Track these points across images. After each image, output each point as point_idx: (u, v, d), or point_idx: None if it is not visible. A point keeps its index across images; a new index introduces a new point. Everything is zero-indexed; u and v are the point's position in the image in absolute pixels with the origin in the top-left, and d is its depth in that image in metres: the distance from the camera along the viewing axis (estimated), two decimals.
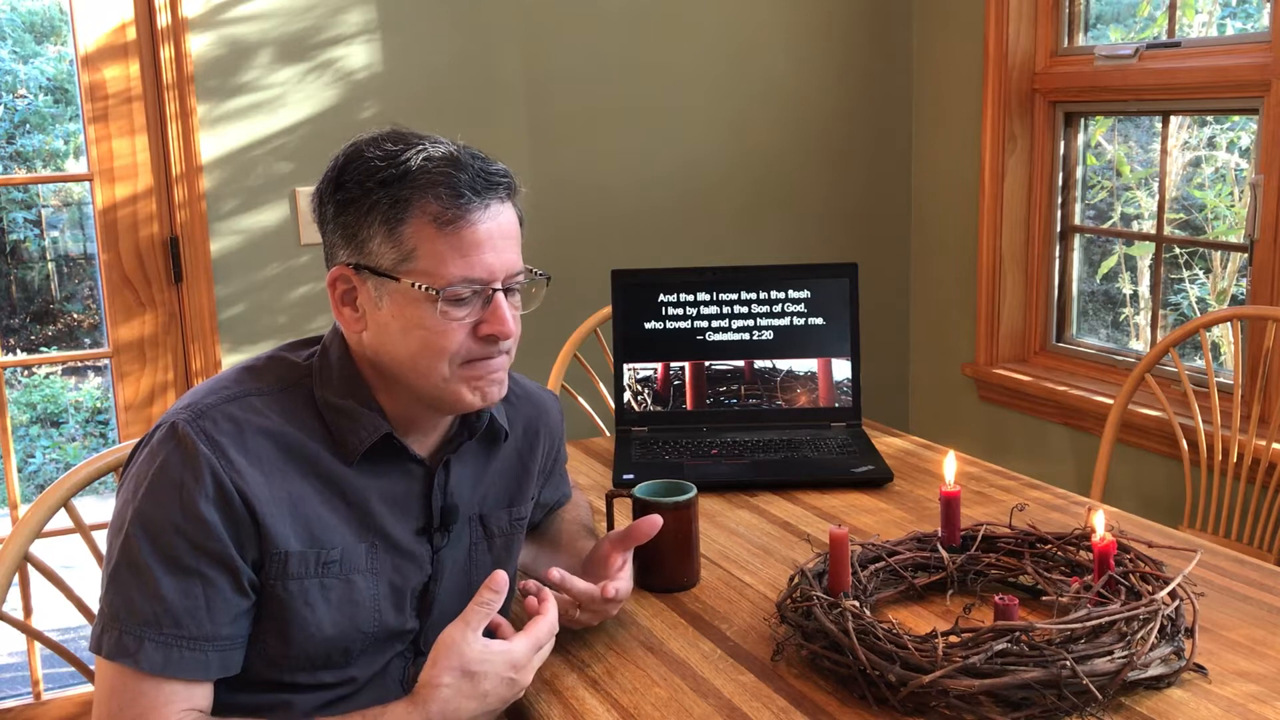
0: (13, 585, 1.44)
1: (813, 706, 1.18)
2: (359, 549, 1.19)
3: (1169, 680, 1.19)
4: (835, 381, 2.04)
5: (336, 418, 1.19)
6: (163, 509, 1.10)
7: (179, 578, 1.09)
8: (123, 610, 1.09)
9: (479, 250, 1.15)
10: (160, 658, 1.08)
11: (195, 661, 1.09)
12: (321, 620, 1.17)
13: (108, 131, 2.51)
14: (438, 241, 1.13)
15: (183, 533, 1.09)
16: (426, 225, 1.13)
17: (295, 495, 1.15)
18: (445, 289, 1.13)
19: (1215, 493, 2.29)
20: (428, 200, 1.13)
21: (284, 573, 1.14)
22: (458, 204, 1.13)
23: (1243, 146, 2.81)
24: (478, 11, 2.77)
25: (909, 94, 3.27)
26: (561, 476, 1.53)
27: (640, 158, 3.00)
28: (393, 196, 1.13)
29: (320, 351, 1.24)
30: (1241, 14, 2.72)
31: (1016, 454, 3.05)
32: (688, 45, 3.00)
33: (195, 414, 1.14)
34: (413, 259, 1.14)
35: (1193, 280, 2.90)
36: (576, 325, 2.41)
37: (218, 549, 1.10)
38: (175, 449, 1.11)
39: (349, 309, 1.19)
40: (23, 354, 5.14)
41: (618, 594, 1.30)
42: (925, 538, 1.45)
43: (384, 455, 1.21)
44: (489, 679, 1.12)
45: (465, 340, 1.17)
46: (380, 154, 1.15)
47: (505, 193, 1.18)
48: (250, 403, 1.17)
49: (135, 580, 1.09)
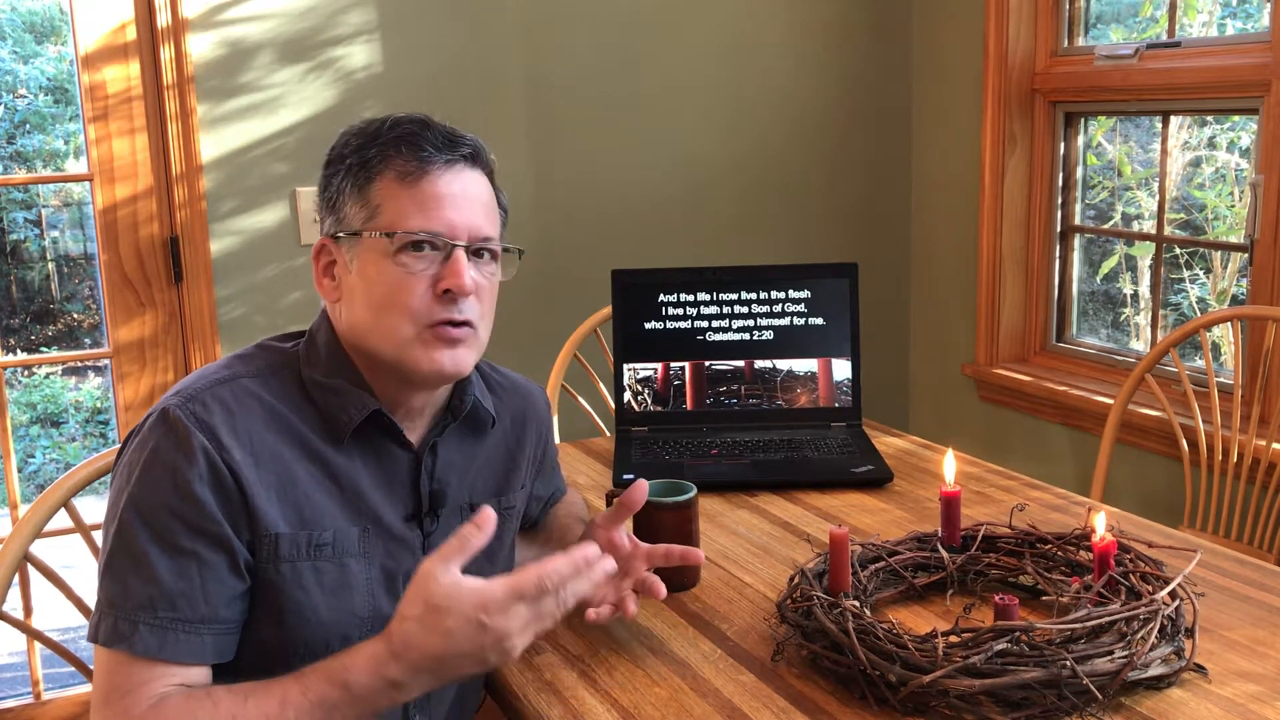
0: (13, 585, 1.44)
1: (813, 706, 1.18)
2: (351, 533, 1.20)
3: (1169, 680, 1.19)
4: (835, 381, 2.04)
5: (325, 396, 1.20)
6: (157, 492, 1.10)
7: (174, 559, 1.09)
8: (118, 596, 1.09)
9: (441, 205, 1.18)
10: (155, 641, 1.08)
11: (191, 645, 1.09)
12: (316, 605, 1.17)
13: (108, 131, 2.51)
14: (401, 196, 1.18)
15: (177, 514, 1.09)
16: (391, 181, 1.18)
17: (285, 477, 1.16)
18: (398, 234, 1.16)
19: (1215, 493, 2.29)
20: (393, 157, 1.18)
21: (275, 555, 1.14)
22: (420, 157, 1.18)
23: (1243, 146, 2.81)
24: (477, 12, 2.77)
25: (909, 94, 3.27)
26: (554, 469, 1.54)
27: (640, 157, 3.00)
28: (362, 158, 1.19)
29: (308, 337, 1.26)
30: (1241, 14, 2.72)
31: (1016, 454, 3.05)
32: (688, 45, 3.00)
33: (185, 398, 1.14)
34: (378, 215, 1.18)
35: (1193, 280, 2.90)
36: (576, 325, 2.41)
37: (213, 529, 1.10)
38: (167, 433, 1.12)
39: (328, 279, 1.23)
40: (23, 354, 5.14)
41: (638, 548, 1.33)
42: (925, 538, 1.45)
43: (373, 437, 1.22)
44: (453, 616, 1.04)
45: (425, 296, 1.18)
46: (359, 126, 1.23)
47: (469, 155, 1.22)
48: (241, 384, 1.18)
49: (131, 565, 1.09)
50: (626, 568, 1.33)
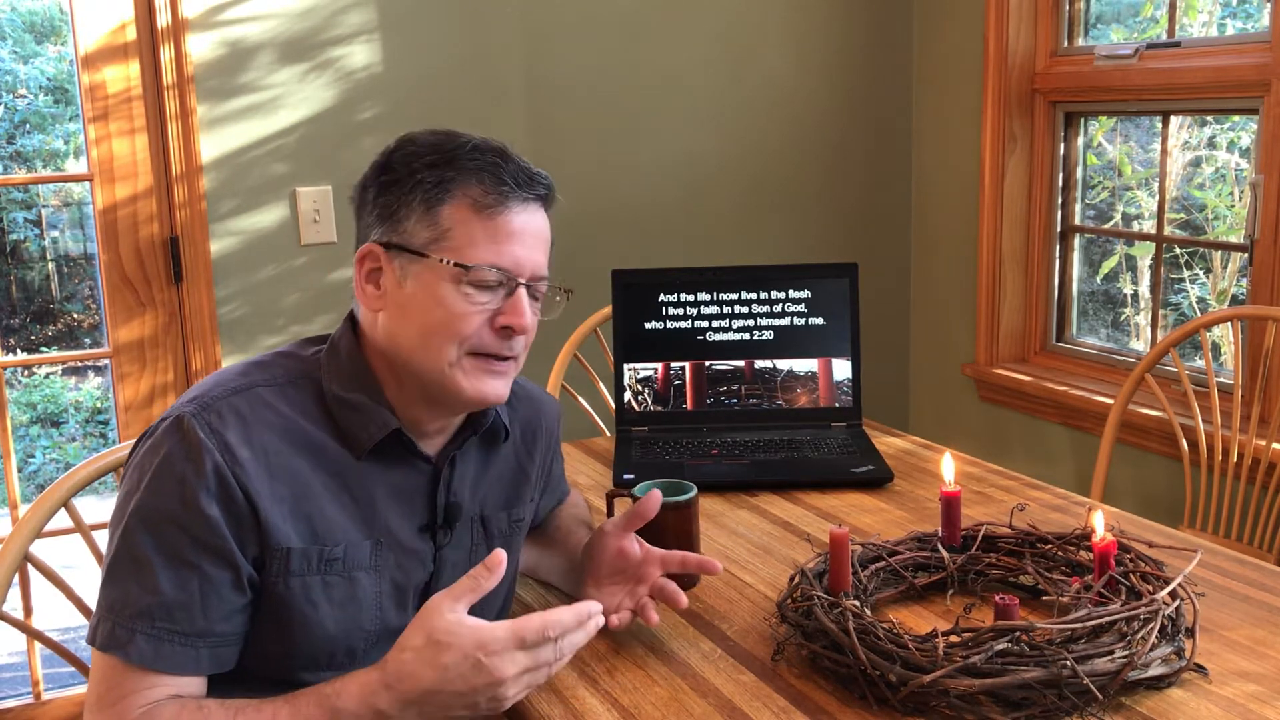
0: (13, 585, 1.44)
1: (813, 706, 1.18)
2: (364, 546, 1.19)
3: (1169, 680, 1.19)
4: (835, 381, 2.04)
5: (344, 412, 1.19)
6: (164, 502, 1.09)
7: (176, 570, 1.09)
8: (118, 602, 1.09)
9: (511, 241, 1.17)
10: (150, 650, 1.08)
11: (185, 656, 1.09)
12: (324, 618, 1.17)
13: (108, 132, 2.51)
14: (473, 225, 1.16)
15: (183, 527, 1.09)
16: (465, 208, 1.17)
17: (299, 491, 1.15)
18: (473, 268, 1.15)
19: (1215, 493, 2.29)
20: (470, 184, 1.17)
21: (285, 570, 1.14)
22: (499, 190, 1.17)
23: (1243, 146, 2.81)
24: (477, 12, 2.77)
25: (909, 94, 3.27)
26: (560, 479, 1.54)
27: (641, 157, 3.00)
28: (437, 177, 1.17)
29: (329, 347, 1.24)
30: (1241, 14, 2.72)
31: (1016, 454, 3.05)
32: (688, 45, 3.00)
33: (201, 406, 1.13)
34: (446, 238, 1.16)
35: (1193, 280, 2.90)
36: (576, 325, 2.41)
37: (218, 544, 1.10)
38: (179, 442, 1.11)
39: (371, 286, 1.21)
40: (23, 354, 5.14)
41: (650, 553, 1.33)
42: (925, 538, 1.45)
43: (390, 450, 1.21)
44: (452, 651, 1.05)
45: (480, 328, 1.17)
46: (431, 140, 1.20)
47: (544, 195, 1.21)
48: (258, 394, 1.16)
49: (133, 572, 1.09)
50: (640, 574, 1.33)
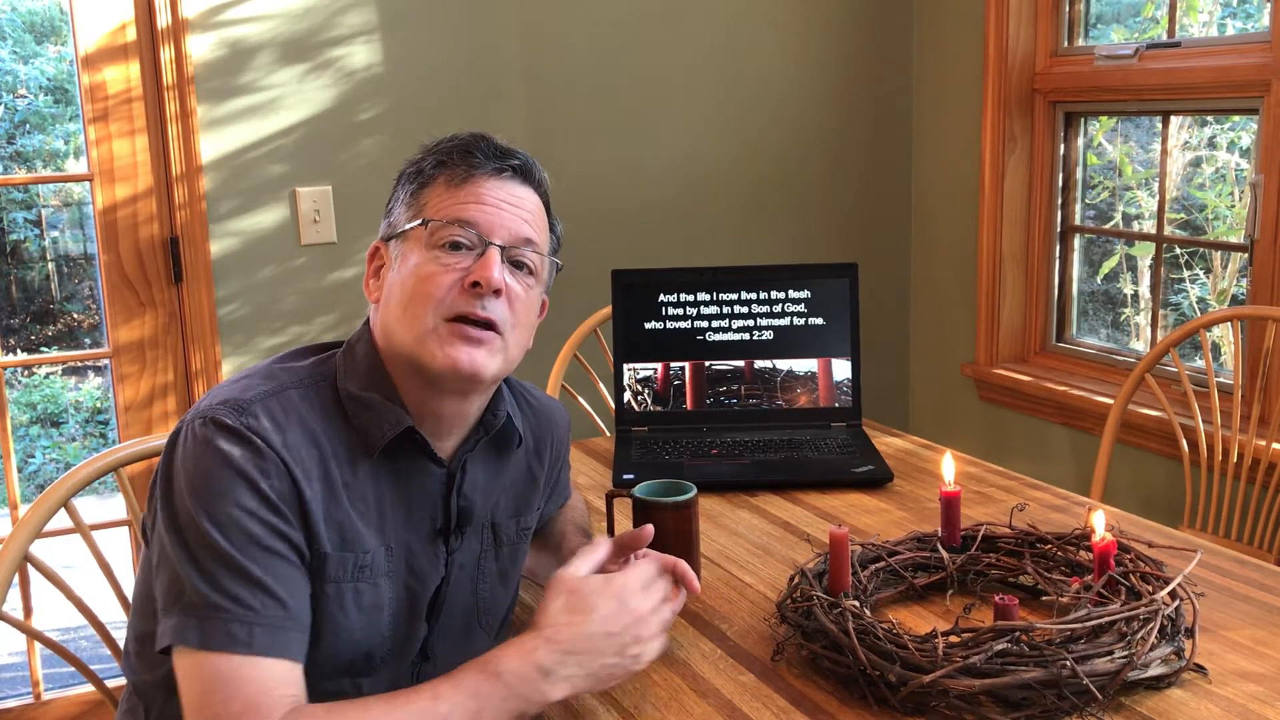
0: (13, 585, 1.44)
1: (813, 706, 1.18)
2: (380, 551, 1.19)
3: (1169, 680, 1.19)
4: (835, 381, 2.04)
5: (358, 410, 1.18)
6: (231, 499, 1.07)
7: (266, 561, 1.07)
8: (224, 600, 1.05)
9: (478, 201, 1.20)
10: (268, 640, 1.05)
11: (300, 643, 1.08)
12: (352, 625, 1.16)
13: (108, 132, 2.51)
14: (444, 196, 1.21)
15: (256, 517, 1.07)
16: (440, 187, 1.22)
17: (329, 495, 1.14)
18: (434, 222, 1.19)
19: (1215, 493, 2.29)
20: (444, 164, 1.22)
21: (322, 574, 1.13)
22: (469, 163, 1.21)
23: (1243, 146, 2.81)
24: (477, 12, 2.77)
25: (909, 94, 3.27)
26: (564, 486, 1.54)
27: (640, 157, 3.00)
28: (418, 167, 1.24)
29: (346, 348, 1.24)
30: (1241, 14, 2.72)
31: (1016, 454, 3.05)
32: (687, 45, 3.00)
33: (237, 409, 1.11)
34: (421, 213, 1.21)
35: (1193, 280, 2.90)
36: (576, 325, 2.41)
37: (287, 531, 1.09)
38: (230, 441, 1.09)
39: (374, 280, 1.25)
40: (23, 354, 5.15)
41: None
42: (925, 538, 1.45)
43: (402, 453, 1.20)
44: (595, 595, 1.12)
45: (452, 288, 1.17)
46: (427, 143, 1.27)
47: (518, 168, 1.24)
48: (288, 396, 1.16)
49: (225, 572, 1.06)
50: None
